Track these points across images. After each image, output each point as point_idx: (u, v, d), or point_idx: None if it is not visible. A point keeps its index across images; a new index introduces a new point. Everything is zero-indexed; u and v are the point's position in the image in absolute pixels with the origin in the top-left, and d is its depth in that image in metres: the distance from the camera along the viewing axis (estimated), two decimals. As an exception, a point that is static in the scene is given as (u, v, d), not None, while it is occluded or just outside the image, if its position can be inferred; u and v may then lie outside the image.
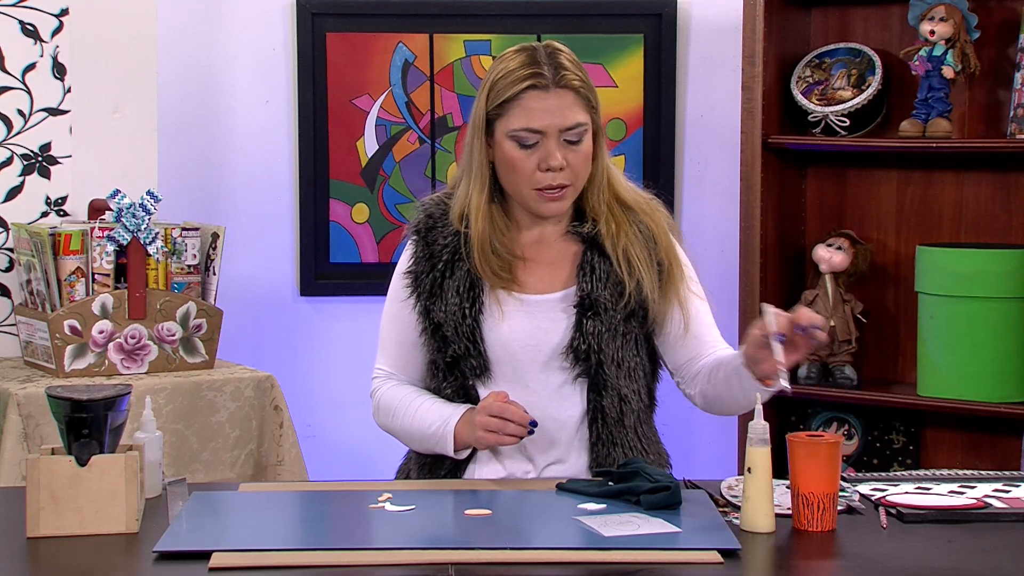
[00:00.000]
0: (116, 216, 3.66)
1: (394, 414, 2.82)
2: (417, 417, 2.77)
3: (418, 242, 2.80)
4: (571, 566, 2.19)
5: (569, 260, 2.80)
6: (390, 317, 2.85)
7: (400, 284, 2.83)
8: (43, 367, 3.67)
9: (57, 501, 2.33)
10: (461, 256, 2.76)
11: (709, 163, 4.49)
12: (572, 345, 2.74)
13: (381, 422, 2.88)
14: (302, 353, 4.45)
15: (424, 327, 2.79)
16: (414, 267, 2.80)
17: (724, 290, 4.37)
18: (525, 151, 2.70)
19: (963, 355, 3.92)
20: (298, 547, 2.27)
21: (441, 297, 2.76)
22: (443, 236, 2.78)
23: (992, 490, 2.63)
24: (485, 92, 2.74)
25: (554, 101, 2.69)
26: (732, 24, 4.29)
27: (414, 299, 2.80)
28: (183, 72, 4.36)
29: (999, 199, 4.06)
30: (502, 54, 2.78)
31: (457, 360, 2.76)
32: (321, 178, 4.43)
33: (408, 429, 2.80)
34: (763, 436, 2.38)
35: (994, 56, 4.03)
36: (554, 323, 2.76)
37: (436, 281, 2.77)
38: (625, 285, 2.75)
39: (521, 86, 2.69)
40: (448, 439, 2.72)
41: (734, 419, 4.22)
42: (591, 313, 2.74)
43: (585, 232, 2.79)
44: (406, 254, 2.83)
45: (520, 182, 2.72)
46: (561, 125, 2.69)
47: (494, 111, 2.73)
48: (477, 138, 2.75)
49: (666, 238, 2.82)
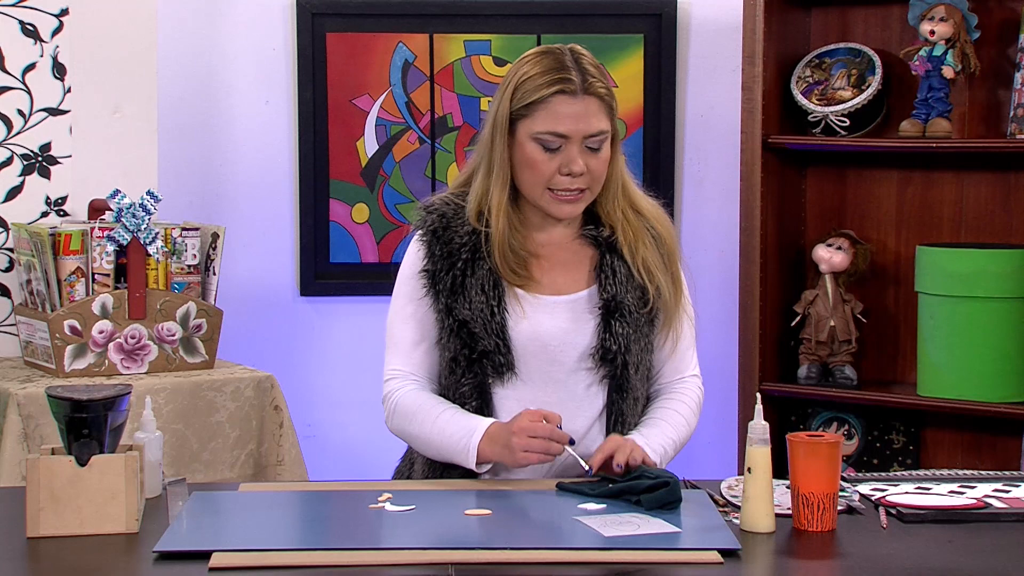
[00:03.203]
0: (116, 216, 3.66)
1: (412, 420, 2.77)
2: (438, 426, 2.73)
3: (432, 242, 2.78)
4: (571, 566, 2.19)
5: (584, 263, 2.81)
6: (403, 317, 2.82)
7: (414, 284, 2.80)
8: (43, 367, 3.67)
9: (57, 501, 2.33)
10: (482, 254, 2.76)
11: (709, 163, 4.49)
12: (603, 346, 2.75)
13: (396, 426, 2.82)
14: (302, 353, 4.45)
15: (445, 325, 2.77)
16: (430, 266, 2.78)
17: (724, 290, 4.38)
18: (548, 154, 2.72)
19: (963, 355, 3.92)
20: (298, 547, 2.27)
21: (464, 295, 2.75)
22: (459, 235, 2.77)
23: (992, 490, 2.63)
24: (509, 92, 2.74)
25: (581, 107, 2.71)
26: (732, 24, 4.29)
27: (432, 298, 2.78)
28: (183, 72, 4.36)
29: (999, 199, 4.06)
30: (524, 56, 2.79)
31: (481, 357, 2.74)
32: (321, 178, 4.43)
33: (427, 437, 2.75)
34: (763, 436, 2.38)
35: (994, 56, 4.03)
36: (575, 324, 2.76)
37: (456, 279, 2.75)
38: (646, 290, 2.78)
39: (550, 90, 2.71)
40: (471, 454, 2.69)
41: (734, 419, 4.22)
42: (618, 315, 2.76)
43: (603, 237, 2.80)
44: (417, 254, 2.80)
45: (538, 183, 2.74)
46: (586, 131, 2.72)
47: (519, 111, 2.73)
48: (500, 137, 2.75)
49: (674, 246, 2.86)
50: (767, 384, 4.13)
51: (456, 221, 2.79)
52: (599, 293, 2.78)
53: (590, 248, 2.82)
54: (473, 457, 2.68)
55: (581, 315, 2.77)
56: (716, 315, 4.37)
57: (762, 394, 3.26)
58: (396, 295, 2.84)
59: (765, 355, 4.15)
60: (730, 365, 4.24)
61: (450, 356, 2.78)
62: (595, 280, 2.79)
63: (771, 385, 4.14)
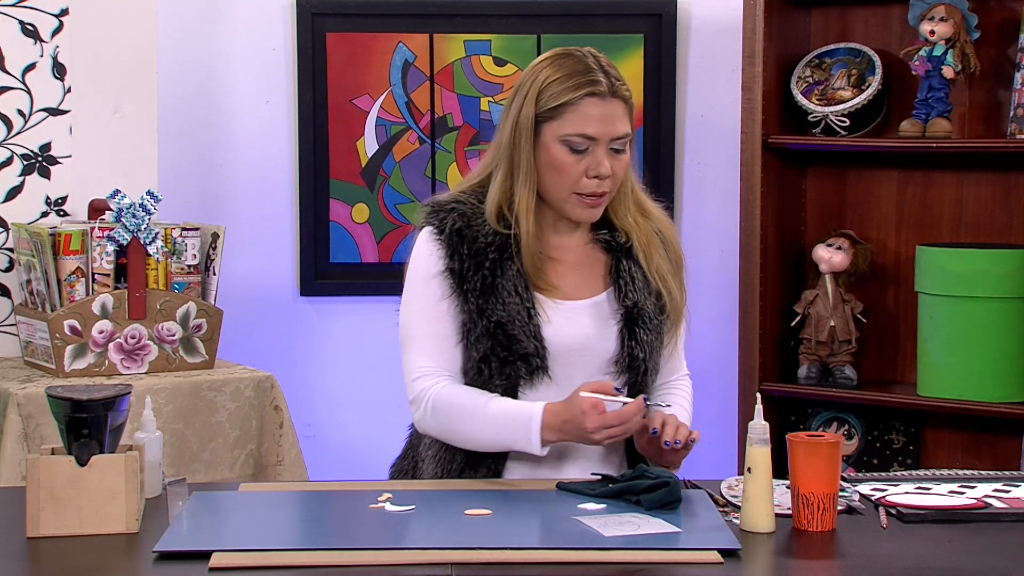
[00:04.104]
0: (116, 216, 3.66)
1: (456, 414, 2.71)
2: (489, 416, 2.69)
3: (456, 241, 2.75)
4: (571, 566, 2.19)
5: (597, 267, 2.81)
6: (425, 315, 2.76)
7: (437, 282, 2.75)
8: (43, 367, 3.67)
9: (57, 501, 2.33)
10: (509, 255, 2.74)
11: (709, 163, 4.49)
12: (631, 354, 2.76)
13: (435, 423, 2.74)
14: (302, 353, 4.45)
15: (478, 326, 2.73)
16: (454, 265, 2.74)
17: (724, 290, 4.38)
18: (575, 156, 2.71)
19: (963, 355, 3.92)
20: (298, 547, 2.27)
21: (495, 296, 2.72)
22: (483, 235, 2.75)
23: (992, 490, 2.63)
24: (533, 95, 2.73)
25: (609, 109, 2.72)
26: (732, 24, 4.29)
27: (460, 297, 2.74)
28: (183, 72, 4.36)
29: (999, 199, 4.06)
30: (541, 60, 2.78)
31: (517, 359, 2.72)
32: (321, 178, 4.43)
33: (476, 429, 2.70)
34: (763, 436, 2.38)
35: (994, 56, 4.03)
36: (597, 329, 2.76)
37: (486, 280, 2.73)
38: (661, 295, 2.80)
39: (580, 92, 2.71)
40: (534, 438, 2.65)
41: (734, 419, 4.22)
42: (640, 322, 2.77)
43: (619, 242, 2.81)
44: (435, 253, 2.76)
45: (564, 186, 2.73)
46: (613, 134, 2.72)
47: (544, 114, 2.72)
48: (525, 140, 2.73)
49: (680, 251, 2.87)
50: (767, 384, 4.13)
51: (476, 221, 2.76)
52: (618, 299, 2.78)
53: (601, 252, 2.82)
54: (537, 442, 2.65)
55: (602, 320, 2.77)
56: (716, 315, 4.37)
57: (762, 394, 3.26)
58: (414, 294, 2.78)
59: (765, 355, 4.15)
60: (730, 365, 4.24)
61: (479, 356, 2.74)
62: (609, 285, 2.80)
63: (771, 385, 4.14)
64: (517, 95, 2.77)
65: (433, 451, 2.80)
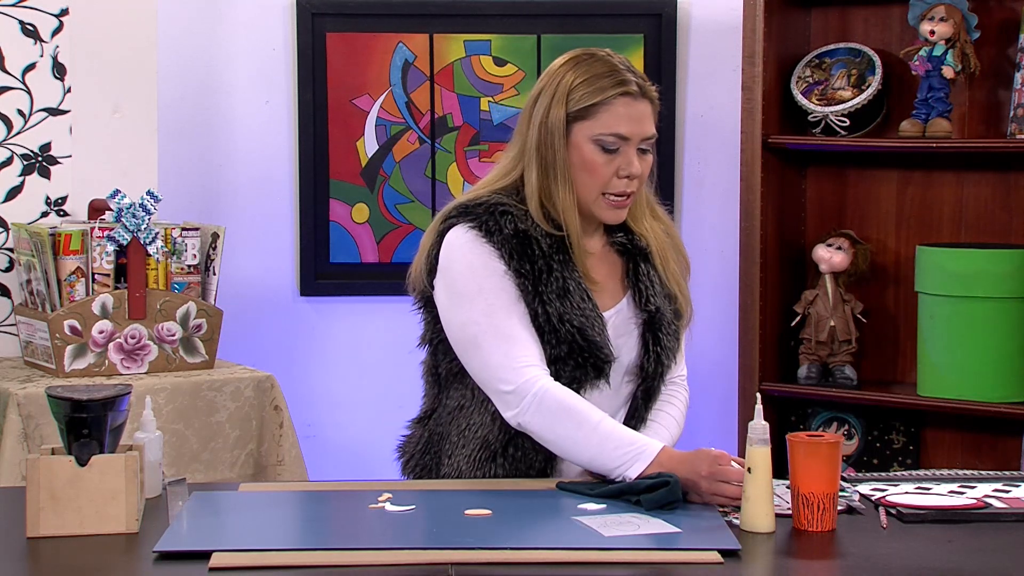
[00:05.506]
0: (116, 216, 3.66)
1: (566, 418, 2.63)
2: (599, 434, 2.60)
3: (513, 243, 2.69)
4: (571, 566, 2.19)
5: (615, 271, 2.81)
6: (505, 311, 2.67)
7: (508, 281, 2.68)
8: (43, 367, 3.67)
9: (57, 501, 2.33)
10: (568, 257, 2.73)
11: (709, 163, 4.49)
12: (657, 359, 2.77)
13: (540, 417, 2.64)
14: (302, 353, 4.45)
15: (557, 329, 2.68)
16: (524, 268, 2.68)
17: (724, 290, 4.38)
18: (607, 156, 2.72)
19: (963, 355, 3.92)
20: (298, 547, 2.27)
21: (570, 300, 2.69)
22: (541, 236, 2.72)
23: (992, 490, 2.63)
24: (561, 96, 2.72)
25: (640, 109, 2.74)
26: (732, 24, 4.29)
27: (535, 300, 2.68)
28: (183, 72, 4.36)
29: (999, 199, 4.06)
30: (562, 63, 2.76)
31: (592, 362, 2.70)
32: (321, 178, 4.43)
33: (583, 441, 2.61)
34: (763, 436, 2.38)
35: (994, 56, 4.03)
36: (620, 335, 2.76)
37: (559, 283, 2.70)
38: (675, 299, 2.81)
39: (612, 92, 2.71)
40: (642, 463, 2.56)
41: (734, 419, 4.22)
42: (662, 328, 2.77)
43: (638, 246, 2.81)
44: (493, 253, 2.68)
45: (594, 186, 2.73)
46: (643, 134, 2.74)
47: (576, 114, 2.72)
48: (560, 141, 2.72)
49: (686, 254, 2.89)
50: (767, 384, 4.13)
51: (527, 223, 2.72)
52: (639, 304, 2.78)
53: (616, 256, 2.82)
54: (647, 463, 2.57)
55: (625, 325, 2.78)
56: (716, 315, 4.37)
57: (762, 394, 3.26)
58: (479, 290, 2.68)
59: (765, 355, 4.15)
60: (730, 365, 4.24)
61: (550, 358, 2.70)
62: (627, 289, 2.79)
63: (771, 385, 4.14)
64: (541, 98, 2.75)
65: (467, 451, 2.75)
